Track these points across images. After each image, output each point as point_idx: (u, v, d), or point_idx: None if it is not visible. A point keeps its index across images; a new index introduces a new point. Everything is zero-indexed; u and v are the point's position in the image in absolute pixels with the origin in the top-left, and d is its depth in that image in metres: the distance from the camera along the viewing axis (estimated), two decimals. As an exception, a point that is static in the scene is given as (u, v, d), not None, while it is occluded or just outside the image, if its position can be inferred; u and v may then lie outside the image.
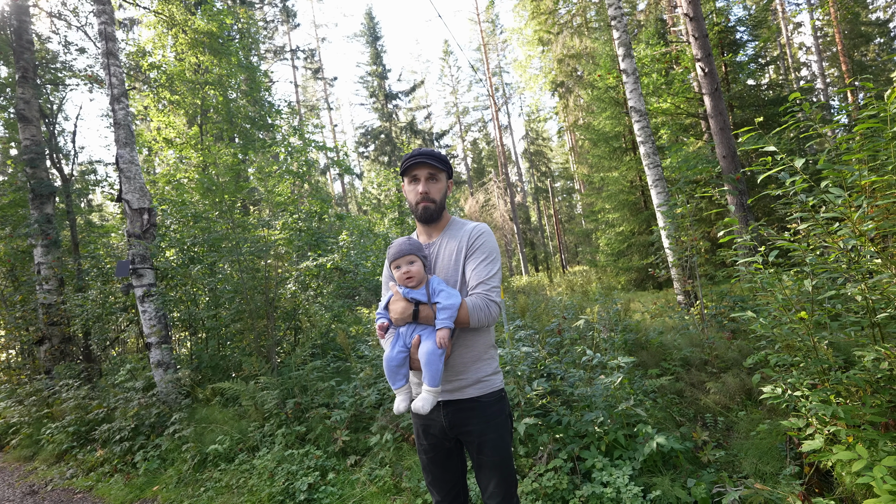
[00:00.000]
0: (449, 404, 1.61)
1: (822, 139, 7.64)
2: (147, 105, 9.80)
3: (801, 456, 2.29)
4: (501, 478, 1.59)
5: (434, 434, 1.66)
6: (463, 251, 1.64)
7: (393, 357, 1.55)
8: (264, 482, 3.37)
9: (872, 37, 21.13)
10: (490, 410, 1.60)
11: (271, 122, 10.75)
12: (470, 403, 1.60)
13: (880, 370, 1.98)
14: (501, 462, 1.60)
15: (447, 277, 1.64)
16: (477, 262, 1.60)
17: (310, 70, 29.36)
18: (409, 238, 1.65)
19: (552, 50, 18.72)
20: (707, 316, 4.53)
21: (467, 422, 1.60)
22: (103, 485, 4.12)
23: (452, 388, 1.60)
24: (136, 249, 5.23)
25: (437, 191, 1.68)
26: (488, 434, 1.59)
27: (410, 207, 1.72)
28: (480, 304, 1.54)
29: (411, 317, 1.54)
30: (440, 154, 1.69)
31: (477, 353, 1.62)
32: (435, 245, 1.71)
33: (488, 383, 1.62)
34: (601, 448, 2.72)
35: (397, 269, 1.59)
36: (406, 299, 1.55)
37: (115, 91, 5.45)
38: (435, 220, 1.70)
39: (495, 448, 1.59)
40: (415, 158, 1.64)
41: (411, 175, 1.68)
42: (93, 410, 5.05)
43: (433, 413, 1.62)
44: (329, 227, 8.13)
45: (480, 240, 1.63)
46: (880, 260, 2.06)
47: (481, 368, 1.62)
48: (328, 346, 5.52)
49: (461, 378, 1.59)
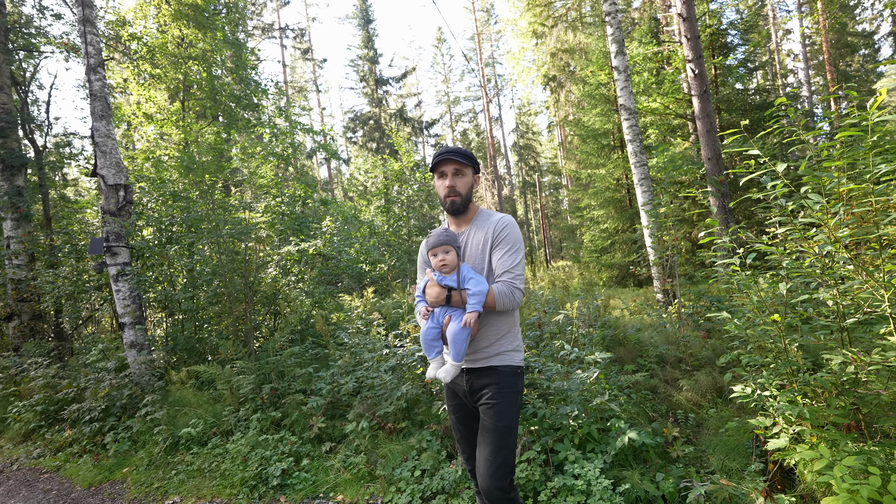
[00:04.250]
0: (471, 371, 1.80)
1: (804, 146, 7.81)
2: (126, 78, 9.43)
3: (767, 454, 2.36)
4: (498, 447, 1.67)
5: (459, 396, 1.89)
6: (489, 241, 1.79)
7: (427, 332, 1.78)
8: (237, 466, 3.33)
9: (858, 48, 21.60)
10: (504, 380, 1.76)
11: (257, 101, 10.47)
12: (488, 371, 1.77)
13: (846, 373, 2.03)
14: (503, 429, 1.70)
15: (475, 265, 1.81)
16: (502, 251, 1.76)
17: (299, 50, 28.68)
18: (446, 229, 1.81)
19: (546, 43, 18.62)
20: (684, 315, 4.62)
21: (483, 388, 1.77)
22: (71, 465, 4.03)
23: (476, 357, 1.78)
24: (111, 227, 5.07)
25: (464, 185, 1.83)
26: (497, 399, 1.73)
27: (440, 201, 1.88)
28: (506, 291, 1.71)
29: (444, 301, 1.73)
30: (466, 151, 1.84)
31: (501, 331, 1.80)
32: (464, 235, 1.87)
33: (507, 357, 1.79)
34: (574, 441, 2.75)
35: (434, 256, 1.78)
36: (440, 285, 1.74)
37: (92, 61, 5.22)
38: (462, 212, 1.86)
39: (499, 414, 1.71)
40: (442, 156, 1.81)
41: (439, 171, 1.83)
42: (62, 390, 4.91)
43: (458, 378, 1.84)
44: (313, 213, 8.00)
45: (505, 231, 1.78)
46: (852, 266, 2.11)
47: (503, 344, 1.79)
48: (307, 333, 5.47)
49: (484, 350, 1.78)
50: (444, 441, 3.17)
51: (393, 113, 25.44)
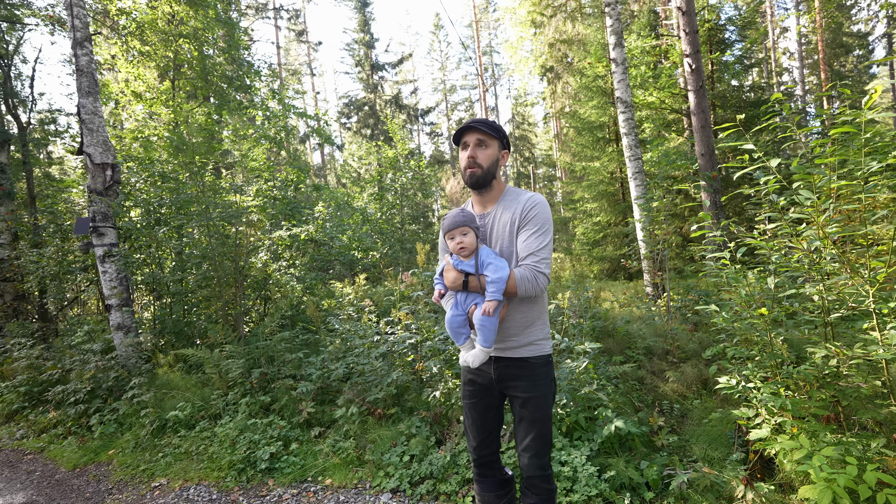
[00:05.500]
0: (500, 360, 1.72)
1: (796, 144, 7.87)
2: (114, 54, 9.16)
3: (748, 444, 2.41)
4: (538, 434, 1.70)
5: (481, 384, 1.80)
6: (517, 222, 1.67)
7: (452, 319, 1.70)
8: (225, 450, 3.33)
9: (852, 48, 21.73)
10: (538, 371, 1.71)
11: (249, 83, 10.26)
12: (520, 363, 1.71)
13: (828, 367, 2.08)
14: (542, 419, 1.71)
15: (502, 249, 1.70)
16: (529, 233, 1.64)
17: (293, 32, 28.10)
18: (462, 209, 1.69)
19: (544, 33, 18.44)
20: (672, 308, 4.68)
21: (516, 378, 1.71)
22: (56, 447, 4.00)
23: (505, 346, 1.71)
24: (98, 207, 4.97)
25: (486, 157, 1.69)
26: (534, 392, 1.70)
27: (462, 176, 1.74)
28: (528, 276, 1.59)
29: (461, 286, 1.66)
30: (493, 122, 1.71)
31: (530, 318, 1.71)
32: (489, 216, 1.74)
33: (539, 347, 1.72)
34: (562, 429, 2.79)
35: (451, 239, 1.66)
36: (456, 270, 1.66)
37: (79, 35, 5.07)
38: (484, 187, 1.73)
39: (538, 406, 1.70)
40: (466, 125, 1.69)
41: (462, 142, 1.72)
42: (46, 371, 4.85)
43: (484, 366, 1.75)
44: (305, 198, 7.92)
45: (534, 211, 1.65)
46: (839, 263, 2.14)
47: (533, 332, 1.72)
48: (298, 318, 5.45)
49: (514, 339, 1.70)
50: (433, 427, 3.19)
51: (388, 99, 25.12)
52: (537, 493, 1.74)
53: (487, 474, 1.88)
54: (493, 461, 1.88)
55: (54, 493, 3.28)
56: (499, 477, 1.90)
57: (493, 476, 1.89)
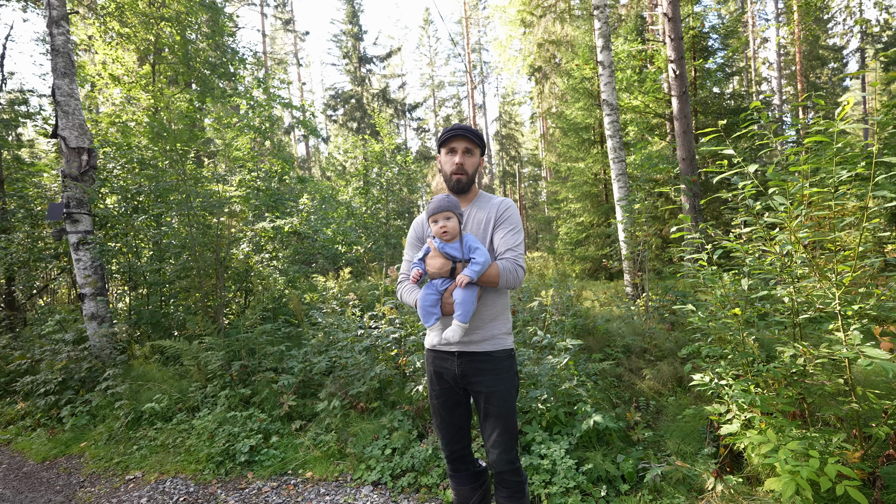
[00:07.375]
0: (464, 355, 1.77)
1: (772, 151, 8.13)
2: (92, 35, 8.83)
3: (719, 438, 2.51)
4: (504, 428, 1.75)
5: (446, 380, 1.83)
6: (492, 221, 1.80)
7: (425, 298, 1.71)
8: (203, 442, 3.29)
9: (828, 61, 22.52)
10: (501, 365, 1.77)
11: (234, 70, 10.03)
12: (482, 357, 1.76)
13: (795, 365, 2.18)
14: (507, 412, 1.75)
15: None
16: (505, 231, 1.77)
17: (280, 20, 27.57)
18: (447, 195, 1.75)
19: (533, 33, 18.54)
20: (651, 308, 4.80)
21: (478, 374, 1.75)
22: (24, 439, 3.88)
23: (468, 340, 1.75)
24: (73, 192, 4.81)
25: (471, 165, 1.83)
26: (497, 386, 1.74)
27: (444, 177, 1.86)
28: (510, 268, 1.70)
29: (448, 273, 1.69)
30: (478, 131, 1.84)
31: (495, 312, 1.78)
32: (465, 214, 1.85)
33: (501, 341, 1.78)
34: (542, 423, 2.85)
35: (435, 223, 1.71)
36: (443, 256, 1.69)
37: (55, 13, 4.88)
38: (465, 192, 1.86)
39: (502, 399, 1.74)
40: (455, 131, 1.78)
41: (449, 147, 1.82)
42: (14, 361, 4.69)
43: (447, 362, 1.80)
44: (289, 190, 7.81)
45: (508, 212, 1.80)
46: (808, 267, 2.24)
47: (496, 326, 1.78)
48: (280, 311, 5.38)
49: (477, 332, 1.75)
50: (415, 421, 3.21)
51: (376, 93, 24.90)
52: (508, 486, 1.80)
53: (461, 468, 1.93)
54: (465, 455, 1.92)
55: (22, 486, 3.19)
56: (472, 470, 1.95)
57: (467, 469, 1.94)
